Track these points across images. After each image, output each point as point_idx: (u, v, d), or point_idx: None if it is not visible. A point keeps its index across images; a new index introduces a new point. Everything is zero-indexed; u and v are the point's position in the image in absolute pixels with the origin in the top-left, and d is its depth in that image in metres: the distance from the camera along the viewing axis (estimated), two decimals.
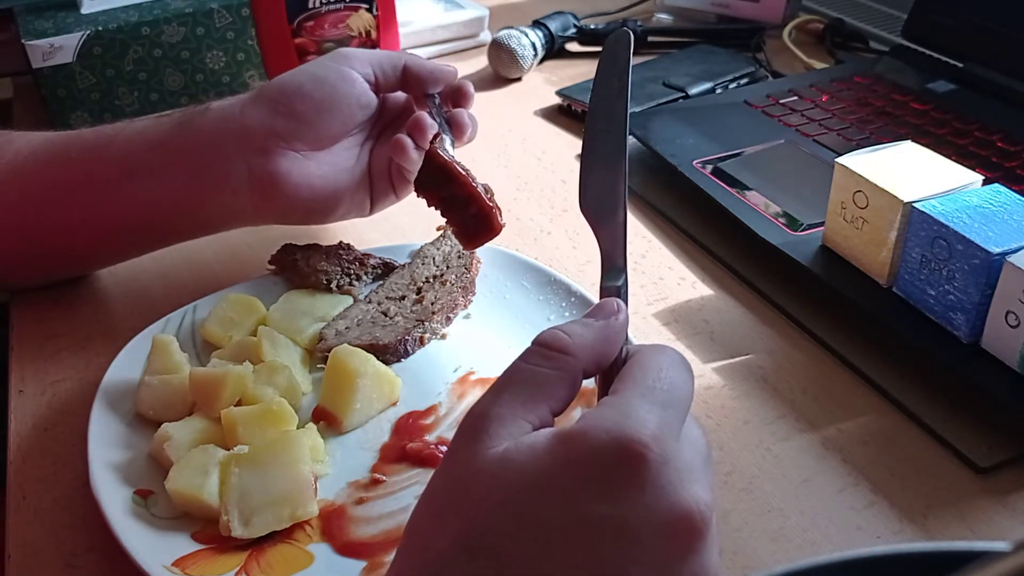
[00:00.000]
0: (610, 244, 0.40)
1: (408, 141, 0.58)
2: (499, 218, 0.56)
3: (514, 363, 0.35)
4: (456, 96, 0.62)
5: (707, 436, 0.34)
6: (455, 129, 0.60)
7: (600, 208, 0.41)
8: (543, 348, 0.35)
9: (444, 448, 0.51)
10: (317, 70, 0.59)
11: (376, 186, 0.62)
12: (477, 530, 0.30)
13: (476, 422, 0.33)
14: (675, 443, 0.31)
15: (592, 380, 0.37)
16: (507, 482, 0.31)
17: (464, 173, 0.56)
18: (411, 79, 0.61)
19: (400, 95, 0.64)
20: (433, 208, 0.58)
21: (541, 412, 0.33)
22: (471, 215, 0.56)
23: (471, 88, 0.62)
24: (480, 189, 0.56)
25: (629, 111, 0.42)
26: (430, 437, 0.52)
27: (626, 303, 0.38)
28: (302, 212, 0.60)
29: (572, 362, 0.34)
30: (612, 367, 0.36)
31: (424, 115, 0.59)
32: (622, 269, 0.39)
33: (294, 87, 0.58)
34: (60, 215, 0.59)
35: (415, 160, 0.58)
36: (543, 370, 0.34)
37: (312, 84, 0.58)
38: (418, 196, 0.58)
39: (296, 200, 0.59)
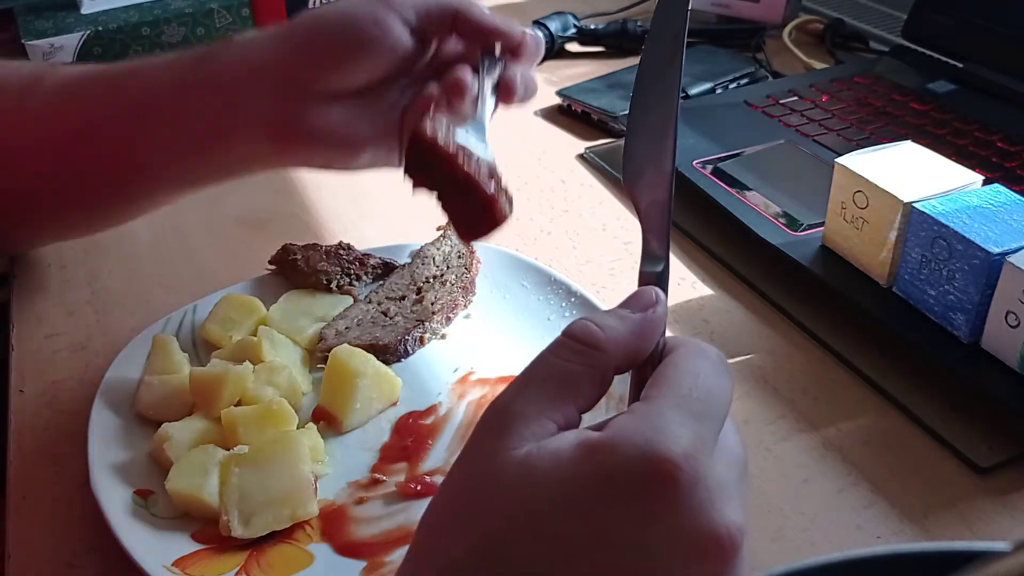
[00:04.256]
0: (652, 225, 0.36)
1: (439, 98, 0.52)
2: (504, 207, 0.48)
3: (540, 355, 0.32)
4: (517, 50, 0.53)
5: (744, 444, 0.32)
6: (502, 91, 0.52)
7: (644, 185, 0.37)
8: (573, 341, 0.32)
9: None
10: (351, 8, 0.52)
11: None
12: (494, 541, 0.29)
13: (498, 418, 0.31)
14: (708, 460, 0.29)
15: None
16: (528, 493, 0.29)
17: (458, 154, 0.47)
18: (463, 29, 0.53)
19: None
20: (425, 194, 0.49)
21: (567, 411, 0.31)
22: (469, 204, 0.47)
23: (537, 41, 0.54)
24: (482, 171, 0.47)
25: (682, 79, 0.37)
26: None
27: (665, 292, 0.35)
28: (320, 159, 0.56)
29: (603, 358, 0.32)
30: (647, 362, 0.33)
31: (464, 73, 0.51)
32: (664, 255, 0.36)
33: (321, 27, 0.52)
34: (86, 155, 0.55)
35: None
36: (572, 365, 0.31)
37: (341, 26, 0.52)
38: (406, 180, 0.49)
39: (312, 147, 0.54)
